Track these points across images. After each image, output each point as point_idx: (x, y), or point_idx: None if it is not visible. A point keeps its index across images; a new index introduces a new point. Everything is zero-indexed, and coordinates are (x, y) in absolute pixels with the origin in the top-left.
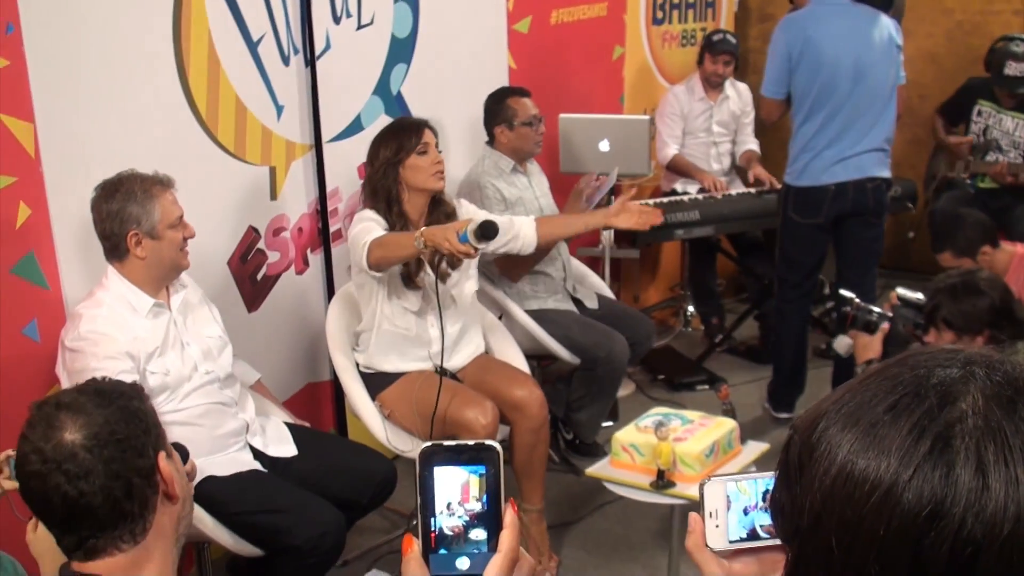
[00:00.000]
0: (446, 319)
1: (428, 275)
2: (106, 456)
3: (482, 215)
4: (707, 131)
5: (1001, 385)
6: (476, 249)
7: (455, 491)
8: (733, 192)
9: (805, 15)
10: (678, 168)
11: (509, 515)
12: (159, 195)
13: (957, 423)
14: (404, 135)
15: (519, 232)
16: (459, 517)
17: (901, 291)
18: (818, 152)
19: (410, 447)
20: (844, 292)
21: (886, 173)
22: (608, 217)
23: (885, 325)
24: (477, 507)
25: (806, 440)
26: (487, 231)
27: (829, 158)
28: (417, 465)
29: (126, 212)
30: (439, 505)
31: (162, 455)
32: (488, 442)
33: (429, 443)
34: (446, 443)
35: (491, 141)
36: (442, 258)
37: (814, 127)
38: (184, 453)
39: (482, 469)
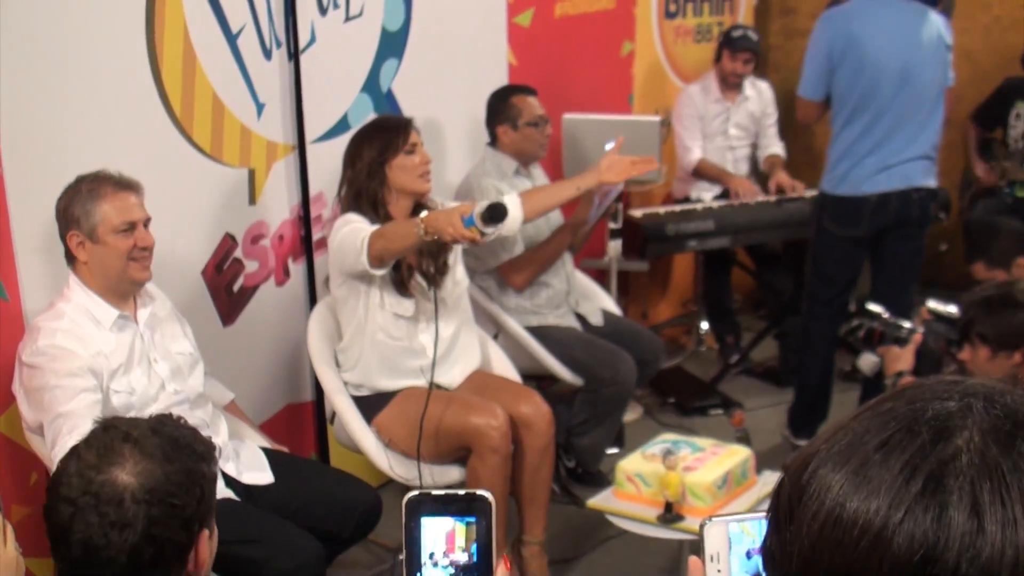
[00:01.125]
0: (439, 323)
1: (420, 283)
2: (152, 515)
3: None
4: (723, 135)
5: (1000, 419)
6: (483, 234)
7: (440, 541)
8: (751, 200)
9: (848, 10)
10: (705, 173)
11: (501, 572)
12: (108, 196)
13: (951, 460)
14: (391, 133)
15: None
16: (443, 568)
17: (932, 304)
18: (859, 159)
19: (413, 474)
20: (871, 306)
21: (932, 183)
22: (600, 174)
23: (918, 335)
24: (463, 558)
25: (796, 482)
26: (495, 213)
27: (871, 166)
28: (403, 515)
29: (69, 211)
30: (424, 556)
31: (204, 533)
32: (480, 492)
33: (416, 491)
34: (435, 492)
35: (493, 142)
36: (436, 257)
37: (855, 132)
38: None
39: (472, 519)
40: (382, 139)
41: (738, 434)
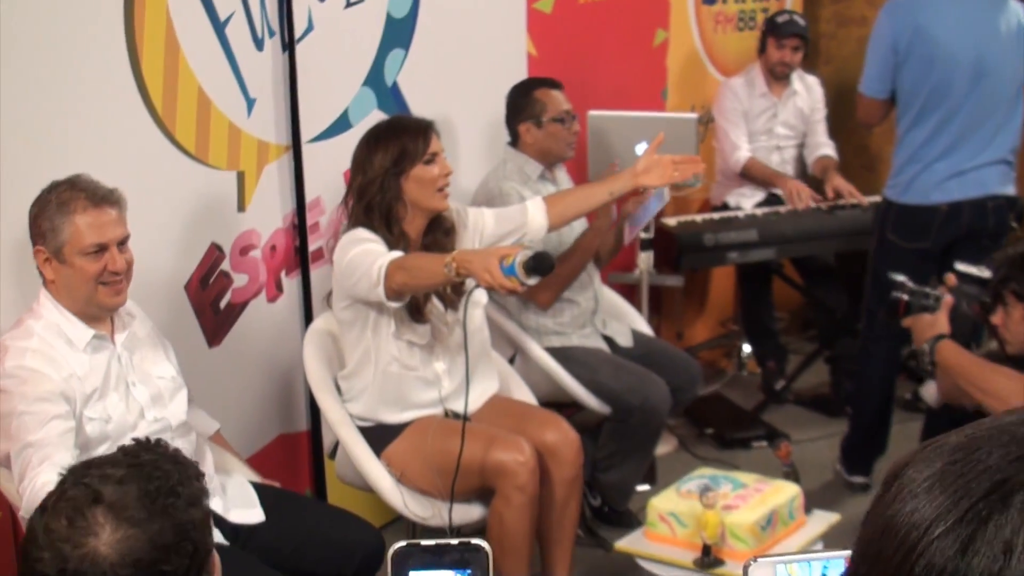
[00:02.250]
0: (455, 349)
1: (436, 306)
2: None
3: (489, 221)
4: (768, 133)
5: None
6: (523, 285)
7: None
8: (801, 206)
9: None
10: (755, 175)
11: None
12: (79, 211)
13: (1010, 495)
14: (408, 138)
15: (526, 219)
16: None
17: (961, 266)
18: (928, 164)
19: (431, 513)
20: (895, 275)
21: (1011, 190)
22: (636, 176)
23: (948, 299)
24: None
25: (884, 482)
26: (541, 265)
27: (942, 172)
28: (388, 570)
29: (37, 224)
30: None
31: (209, 567)
32: (475, 541)
33: (403, 543)
34: (424, 543)
35: (514, 141)
36: (458, 286)
37: (924, 134)
38: None
39: (466, 573)
40: (398, 145)
41: (785, 469)
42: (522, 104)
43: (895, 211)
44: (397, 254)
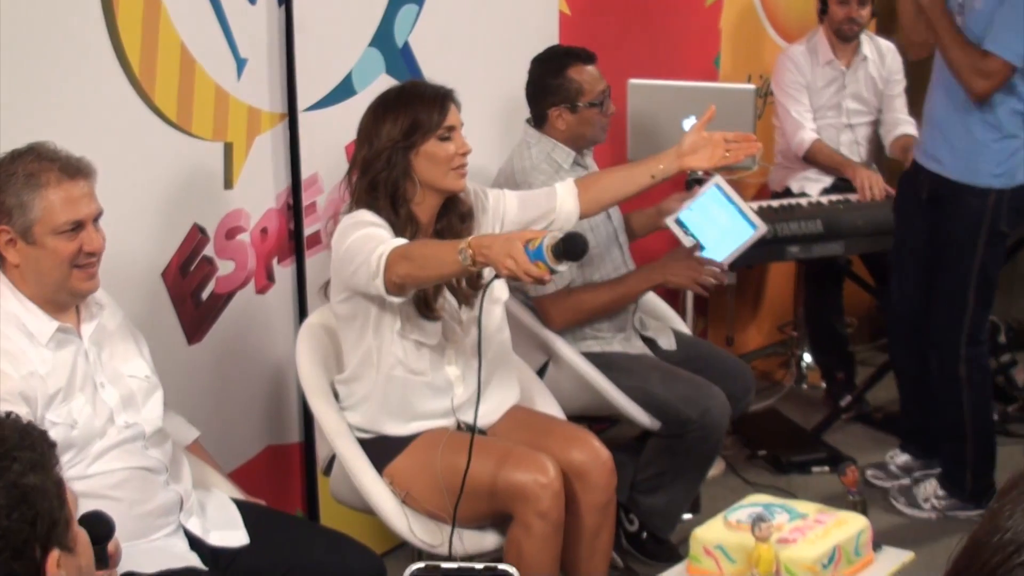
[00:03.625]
0: (470, 352)
1: (449, 301)
2: None
3: (512, 205)
4: (836, 109)
5: None
6: (553, 272)
7: None
8: (877, 196)
9: None
10: (820, 160)
11: None
12: (51, 184)
13: None
14: (422, 108)
15: (554, 205)
16: None
17: None
18: None
19: (439, 540)
20: None
21: None
22: (681, 156)
23: None
24: None
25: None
26: (573, 248)
27: None
28: None
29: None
30: None
31: (53, 557)
32: (502, 567)
33: (419, 565)
34: (444, 566)
35: (540, 123)
36: (475, 278)
37: None
38: (107, 529)
39: None
40: (410, 115)
41: (851, 498)
42: (554, 86)
43: (1008, 199)
44: (402, 241)
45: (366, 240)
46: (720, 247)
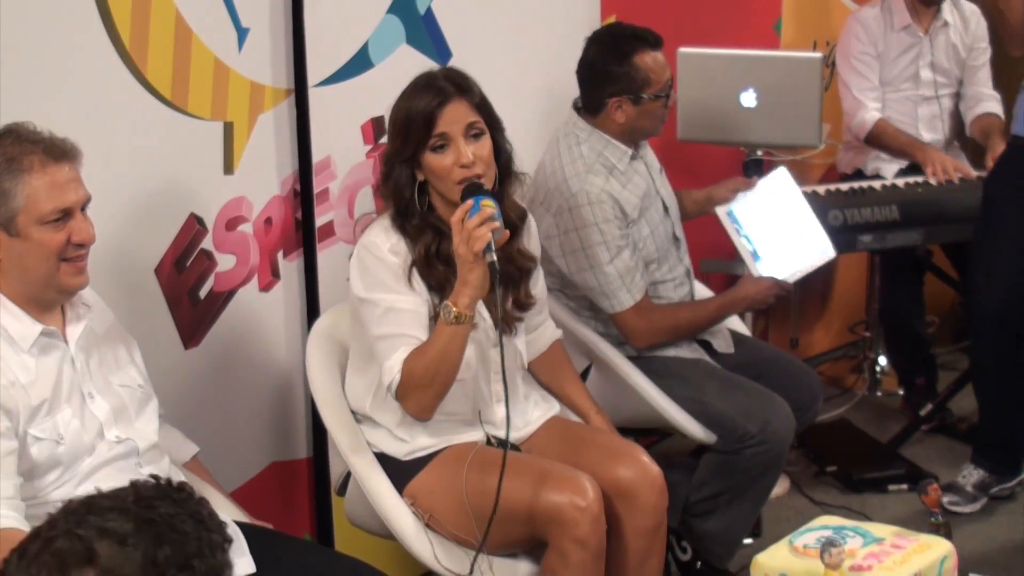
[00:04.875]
0: (507, 366)
1: (484, 319)
2: None
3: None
4: (913, 80)
5: None
6: (496, 211)
7: None
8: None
9: None
10: (884, 142)
11: None
12: (35, 170)
13: None
14: (414, 115)
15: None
16: None
17: None
18: None
19: (467, 568)
20: None
21: None
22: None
23: None
24: None
25: None
26: (471, 189)
27: None
28: None
29: None
30: None
31: None
32: None
33: None
34: None
35: (594, 111)
36: (516, 285)
37: None
38: None
39: None
40: (403, 122)
41: (933, 520)
42: (617, 74)
43: None
44: (404, 344)
45: (377, 325)
46: (781, 257)
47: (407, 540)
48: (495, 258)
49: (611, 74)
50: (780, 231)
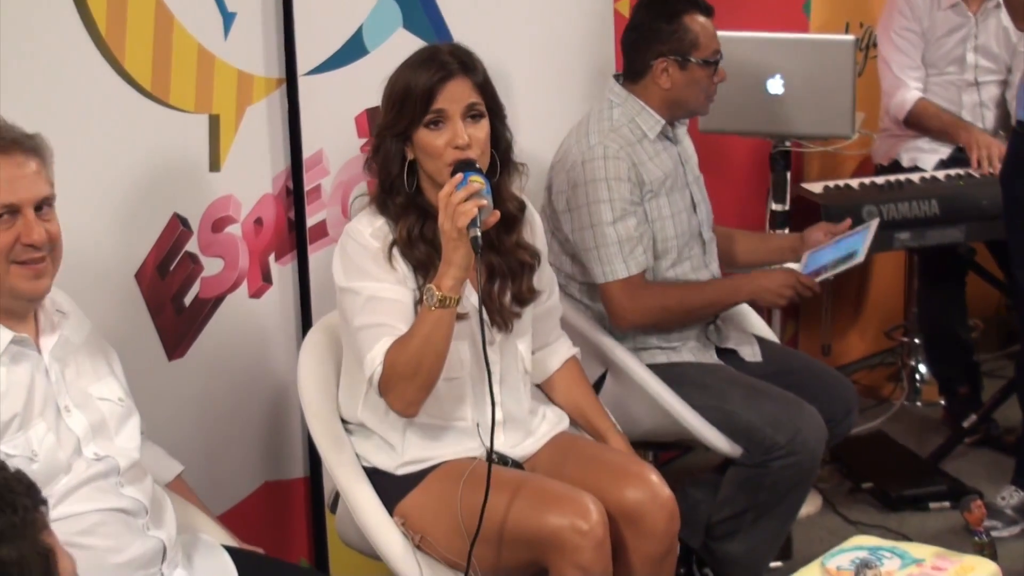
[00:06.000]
0: (505, 369)
1: (469, 298)
2: None
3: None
4: (959, 63)
5: None
6: (484, 185)
7: None
8: (987, 170)
9: None
10: (927, 123)
11: None
12: None
13: None
14: (412, 86)
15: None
16: None
17: None
18: None
19: None
20: None
21: None
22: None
23: None
24: None
25: None
26: (462, 164)
27: None
28: None
29: None
30: None
31: None
32: None
33: None
34: None
35: (637, 76)
36: (515, 279)
37: None
38: None
39: None
40: (400, 94)
41: (977, 539)
42: (666, 31)
43: None
44: (386, 335)
45: (354, 313)
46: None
47: (393, 562)
48: (479, 233)
49: (660, 32)
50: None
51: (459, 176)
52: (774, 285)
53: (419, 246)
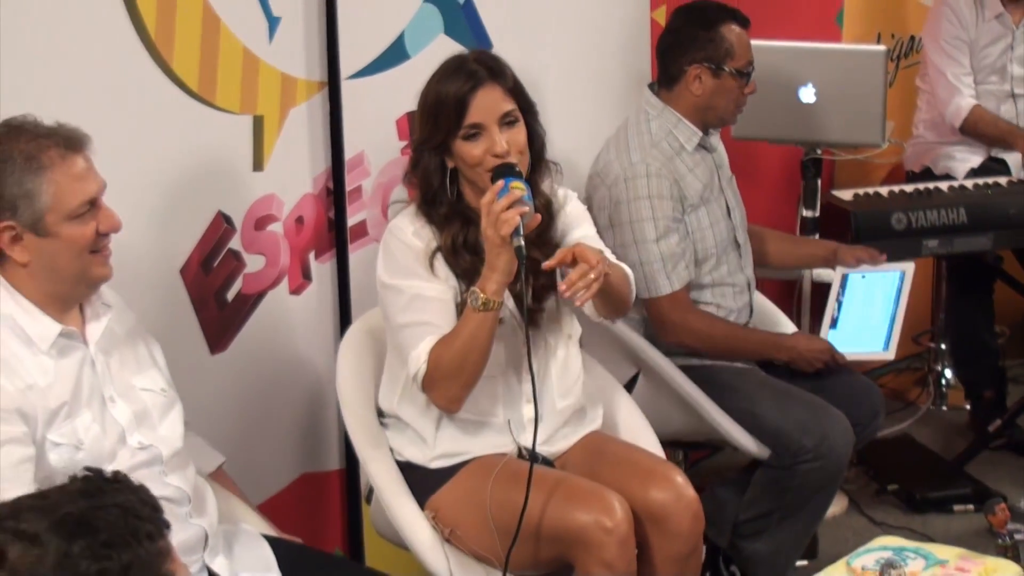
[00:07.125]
0: (540, 370)
1: (506, 302)
2: None
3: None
4: (1001, 73)
5: None
6: (526, 191)
7: None
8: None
9: None
10: (982, 130)
11: None
12: (54, 165)
13: None
14: (444, 101)
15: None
16: None
17: None
18: None
19: None
20: None
21: None
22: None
23: None
24: None
25: None
26: (502, 169)
27: None
28: None
29: None
30: None
31: None
32: None
33: None
34: None
35: (671, 82)
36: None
37: None
38: None
39: None
40: (432, 110)
41: (1001, 541)
42: (702, 38)
43: None
44: (429, 334)
45: (401, 313)
46: (847, 336)
47: (422, 553)
48: (522, 243)
49: (696, 39)
50: (866, 314)
51: (500, 183)
52: (811, 355)
53: (463, 255)
